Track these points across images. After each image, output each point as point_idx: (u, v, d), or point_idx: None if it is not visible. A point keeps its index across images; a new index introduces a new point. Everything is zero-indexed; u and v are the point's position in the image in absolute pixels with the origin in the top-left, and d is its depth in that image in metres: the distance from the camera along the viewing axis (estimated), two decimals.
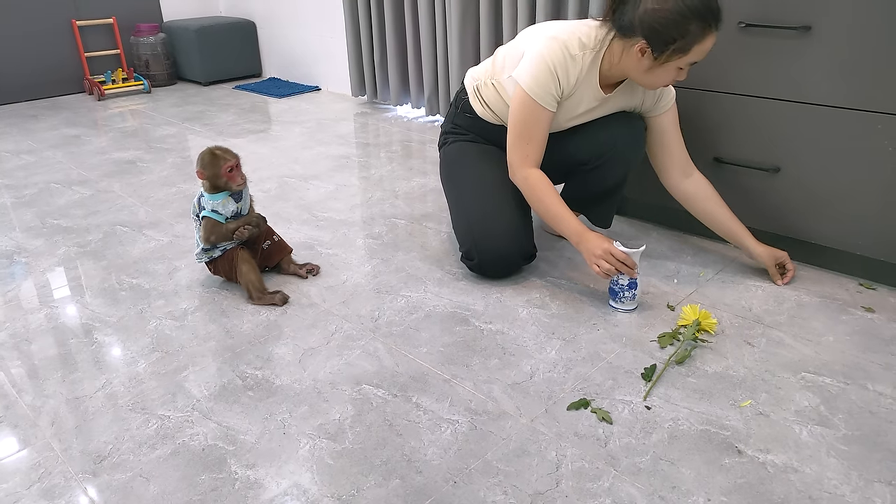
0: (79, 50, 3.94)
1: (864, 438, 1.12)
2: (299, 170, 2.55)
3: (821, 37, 1.46)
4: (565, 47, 1.46)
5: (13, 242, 1.97)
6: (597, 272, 1.48)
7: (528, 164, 1.56)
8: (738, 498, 1.01)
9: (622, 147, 1.62)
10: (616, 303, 1.52)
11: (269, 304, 1.57)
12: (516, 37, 1.63)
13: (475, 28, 2.79)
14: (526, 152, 1.55)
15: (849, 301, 1.53)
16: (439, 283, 1.66)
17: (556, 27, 1.51)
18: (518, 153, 1.56)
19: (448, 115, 1.83)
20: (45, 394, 1.29)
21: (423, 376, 1.31)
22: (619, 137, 1.61)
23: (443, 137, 1.84)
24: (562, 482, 1.05)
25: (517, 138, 1.55)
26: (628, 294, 1.49)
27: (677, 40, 1.35)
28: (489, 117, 1.69)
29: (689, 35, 1.34)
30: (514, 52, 1.58)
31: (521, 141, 1.55)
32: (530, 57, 1.49)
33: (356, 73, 3.46)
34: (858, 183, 1.51)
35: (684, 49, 1.36)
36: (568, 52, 1.46)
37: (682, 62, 1.39)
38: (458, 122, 1.77)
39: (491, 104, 1.66)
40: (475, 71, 1.73)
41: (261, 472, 1.08)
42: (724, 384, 1.26)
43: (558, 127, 1.60)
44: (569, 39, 1.47)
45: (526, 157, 1.55)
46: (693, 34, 1.34)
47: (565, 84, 1.49)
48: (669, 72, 1.42)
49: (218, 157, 1.52)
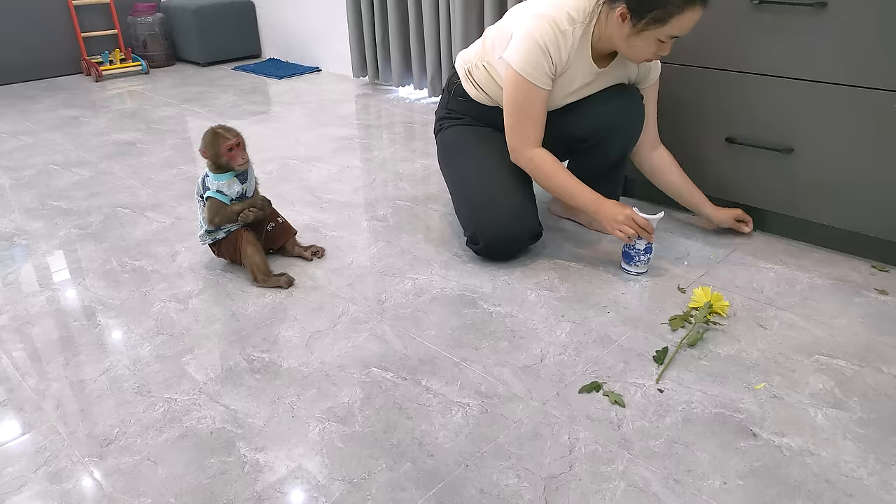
0: (75, 30, 3.89)
1: (881, 421, 1.11)
2: (301, 151, 2.52)
3: (836, 14, 1.43)
4: (554, 23, 1.44)
5: (13, 224, 1.95)
6: (619, 237, 1.51)
7: (530, 145, 1.54)
8: (754, 481, 1.00)
9: (622, 121, 1.60)
10: (630, 266, 1.56)
11: (275, 286, 1.55)
12: (504, 15, 1.60)
13: (479, 7, 2.75)
14: (526, 133, 1.53)
15: (861, 283, 1.51)
16: (446, 265, 1.64)
17: (543, 3, 1.48)
18: (518, 136, 1.54)
19: (441, 100, 1.81)
20: (49, 377, 1.27)
21: (432, 359, 1.29)
22: (619, 111, 1.59)
23: (438, 123, 1.81)
24: (575, 465, 1.03)
25: (515, 121, 1.53)
26: (644, 258, 1.54)
27: (656, 9, 1.34)
28: (483, 99, 1.67)
29: (668, 5, 1.33)
30: (502, 32, 1.55)
31: (519, 123, 1.53)
32: (520, 36, 1.46)
33: (357, 53, 3.42)
34: (872, 163, 1.49)
35: (662, 19, 1.35)
36: (557, 27, 1.44)
37: (662, 33, 1.37)
38: (452, 106, 1.75)
39: (483, 86, 1.64)
40: (466, 53, 1.71)
41: (270, 455, 1.07)
42: (737, 367, 1.25)
43: (554, 105, 1.58)
44: (557, 15, 1.44)
45: (527, 138, 1.53)
46: (673, 4, 1.33)
47: (557, 61, 1.47)
48: (649, 43, 1.40)
49: (219, 135, 1.49)
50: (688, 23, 1.36)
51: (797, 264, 1.60)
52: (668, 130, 1.74)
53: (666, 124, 1.74)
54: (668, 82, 1.72)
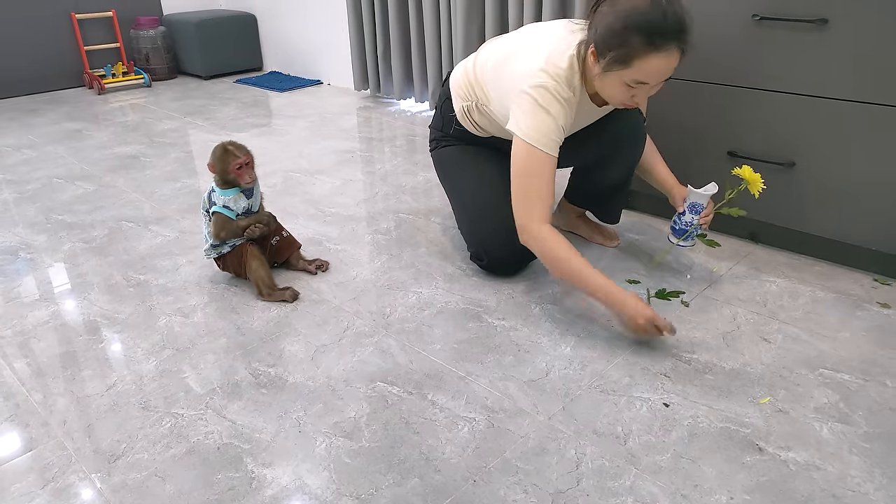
0: (78, 43, 3.91)
1: (886, 436, 1.11)
2: (304, 164, 2.53)
3: (837, 30, 1.45)
4: (558, 94, 1.37)
5: (17, 238, 1.95)
6: (635, 336, 1.40)
7: (540, 222, 1.41)
8: (760, 496, 1.00)
9: (625, 144, 1.61)
10: (684, 240, 1.58)
11: (280, 300, 1.56)
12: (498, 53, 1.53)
13: (480, 21, 2.77)
14: (537, 208, 1.42)
15: (864, 297, 1.52)
16: (450, 278, 1.65)
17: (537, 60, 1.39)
18: (527, 212, 1.42)
19: (435, 120, 1.78)
20: (55, 392, 1.27)
21: (438, 373, 1.30)
22: (621, 135, 1.59)
23: (433, 143, 1.81)
24: (582, 480, 1.03)
25: (525, 196, 1.42)
26: (696, 231, 1.58)
27: (616, 48, 1.27)
28: (482, 133, 1.67)
29: (628, 46, 1.25)
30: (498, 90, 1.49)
31: (528, 198, 1.42)
32: (527, 109, 1.38)
33: (359, 66, 3.44)
34: (873, 178, 1.50)
35: (624, 61, 1.27)
36: (561, 97, 1.37)
37: (627, 77, 1.29)
38: (447, 132, 1.74)
39: (484, 126, 1.64)
40: (460, 88, 1.64)
41: (277, 470, 1.07)
42: (742, 381, 1.25)
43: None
44: (557, 86, 1.36)
45: (538, 214, 1.42)
46: (634, 48, 1.25)
47: (566, 125, 1.41)
48: (616, 85, 1.32)
49: (229, 152, 1.50)
50: (655, 69, 1.27)
51: (800, 277, 1.61)
52: (670, 144, 1.75)
53: (668, 138, 1.75)
54: (670, 97, 1.74)
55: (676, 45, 1.25)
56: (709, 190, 1.54)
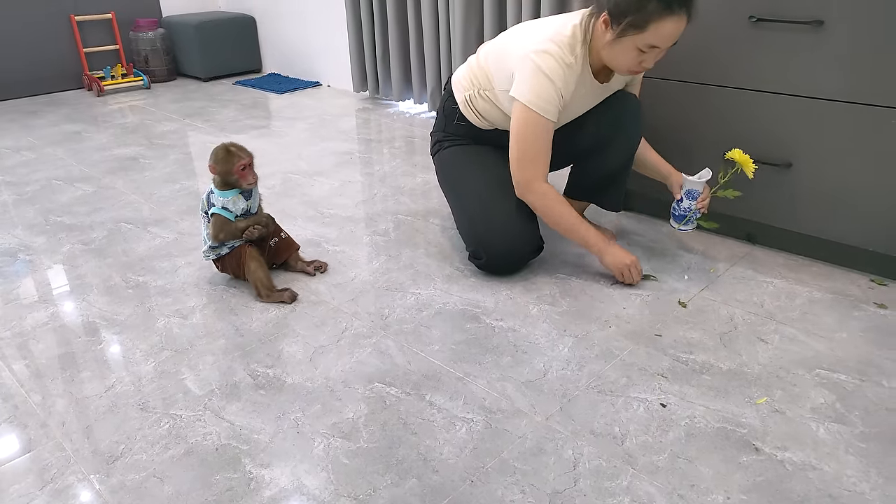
0: (77, 45, 3.92)
1: (882, 436, 1.11)
2: (303, 166, 2.54)
3: (833, 31, 1.45)
4: (560, 58, 1.44)
5: (16, 240, 1.96)
6: (622, 280, 1.59)
7: (538, 181, 1.55)
8: (757, 496, 1.00)
9: (623, 129, 1.63)
10: (684, 225, 1.65)
11: (278, 301, 1.56)
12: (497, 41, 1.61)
13: (479, 22, 2.77)
14: (534, 169, 1.54)
15: (861, 297, 1.52)
16: (448, 279, 1.65)
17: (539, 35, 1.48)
18: (526, 171, 1.54)
19: (437, 122, 1.81)
20: (54, 394, 1.28)
21: (436, 374, 1.30)
22: (619, 120, 1.62)
23: (436, 146, 1.82)
24: (579, 481, 1.04)
25: (523, 156, 1.53)
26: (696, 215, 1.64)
27: (632, 13, 1.34)
28: (485, 125, 1.69)
29: (645, 11, 1.33)
30: (501, 65, 1.56)
31: (527, 158, 1.53)
32: (528, 73, 1.46)
33: (358, 68, 3.44)
34: (870, 178, 1.51)
35: (640, 25, 1.35)
36: (563, 61, 1.45)
37: (641, 41, 1.37)
38: (450, 130, 1.76)
39: (486, 115, 1.66)
40: (460, 79, 1.70)
41: (276, 471, 1.07)
42: (739, 381, 1.26)
43: (558, 124, 1.59)
44: (559, 50, 1.44)
45: (535, 174, 1.54)
46: (650, 11, 1.33)
47: (565, 92, 1.49)
48: (629, 50, 1.40)
49: (232, 153, 1.50)
50: (668, 32, 1.35)
51: (797, 278, 1.61)
52: (667, 145, 1.75)
53: (664, 139, 1.76)
54: (666, 98, 1.74)
55: (686, 9, 1.35)
56: (703, 176, 1.58)
